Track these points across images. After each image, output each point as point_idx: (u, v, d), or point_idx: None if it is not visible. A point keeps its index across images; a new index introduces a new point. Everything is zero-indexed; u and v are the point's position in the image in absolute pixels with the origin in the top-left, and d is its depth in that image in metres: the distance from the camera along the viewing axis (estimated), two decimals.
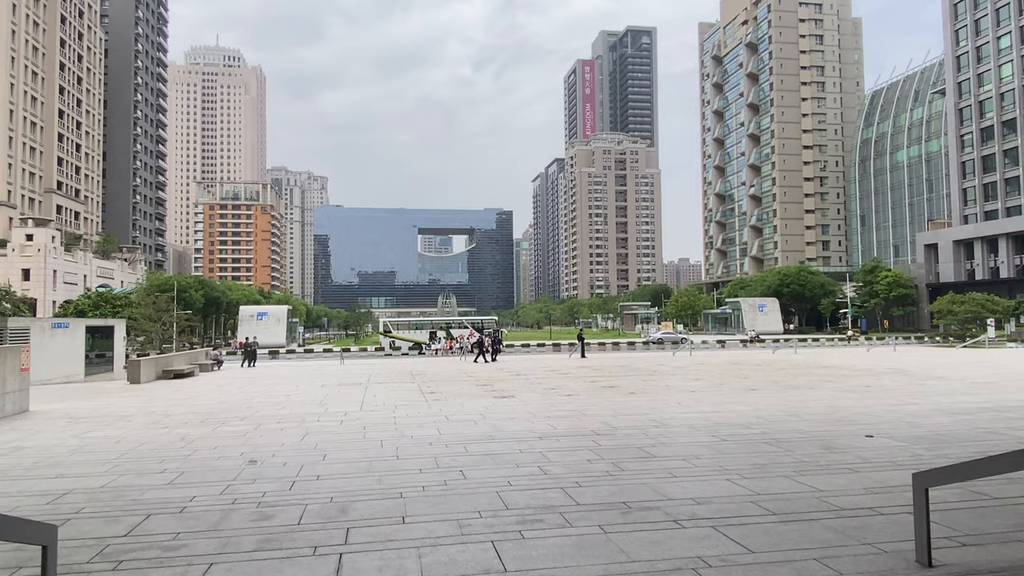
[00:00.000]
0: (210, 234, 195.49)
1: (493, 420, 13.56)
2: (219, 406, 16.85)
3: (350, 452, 10.42)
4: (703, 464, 9.15)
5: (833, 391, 18.30)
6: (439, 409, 15.50)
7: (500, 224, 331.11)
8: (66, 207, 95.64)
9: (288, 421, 13.97)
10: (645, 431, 11.88)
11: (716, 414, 13.95)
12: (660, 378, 23.12)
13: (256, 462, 9.81)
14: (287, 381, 24.66)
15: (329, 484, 8.35)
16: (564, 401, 16.64)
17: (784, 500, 7.33)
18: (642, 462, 9.31)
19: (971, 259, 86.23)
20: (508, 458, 9.71)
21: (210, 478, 8.82)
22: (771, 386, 19.86)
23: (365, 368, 32.19)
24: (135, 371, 24.35)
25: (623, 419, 13.38)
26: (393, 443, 11.10)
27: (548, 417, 13.81)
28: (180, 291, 68.09)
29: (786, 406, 15.11)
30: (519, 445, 10.70)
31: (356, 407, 16.16)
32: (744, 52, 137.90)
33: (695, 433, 11.65)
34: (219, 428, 13.14)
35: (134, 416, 15.21)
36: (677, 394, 18.08)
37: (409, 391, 19.99)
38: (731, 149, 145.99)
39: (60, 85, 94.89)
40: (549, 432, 11.92)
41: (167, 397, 19.42)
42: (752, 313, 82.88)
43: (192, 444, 11.40)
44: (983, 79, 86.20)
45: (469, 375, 25.84)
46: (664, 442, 10.79)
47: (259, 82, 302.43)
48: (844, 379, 21.76)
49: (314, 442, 11.35)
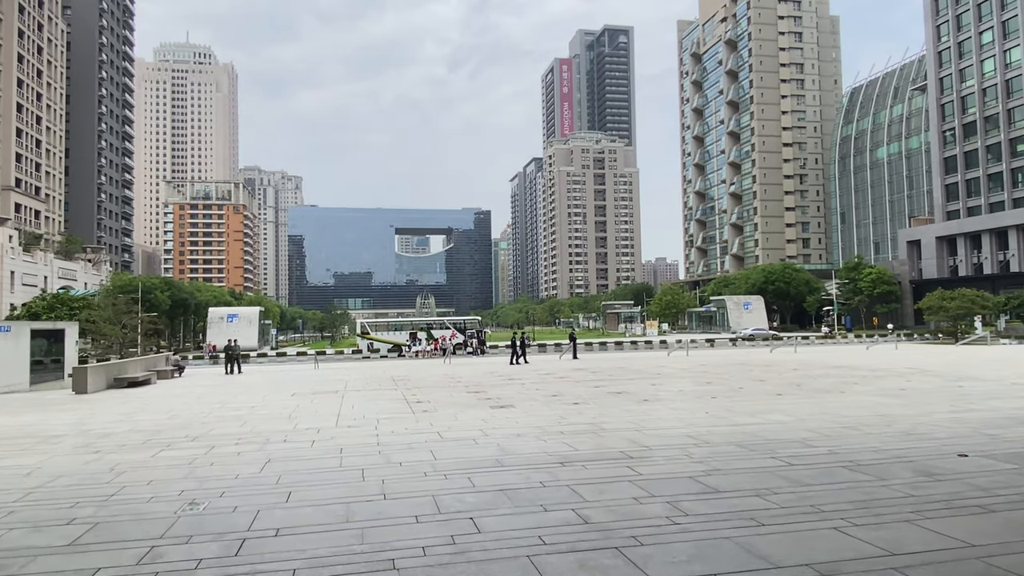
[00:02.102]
0: (180, 235, 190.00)
1: (496, 438, 11.32)
2: (169, 422, 14.38)
3: (322, 489, 8.11)
4: (787, 502, 7.01)
5: (868, 395, 16.34)
6: (429, 423, 13.21)
7: (478, 224, 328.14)
8: (25, 205, 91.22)
9: (248, 442, 11.58)
10: (687, 451, 9.73)
11: (757, 427, 11.86)
12: (668, 381, 21.04)
13: (198, 505, 7.47)
14: (253, 389, 22.15)
15: (292, 543, 6.07)
16: (573, 412, 14.45)
17: (937, 566, 5.21)
18: (705, 500, 7.15)
19: (954, 255, 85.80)
20: (529, 496, 7.48)
21: (130, 534, 6.48)
22: (796, 390, 17.87)
23: (342, 373, 29.70)
24: (81, 380, 21.66)
25: (651, 435, 11.22)
26: (377, 474, 8.81)
27: (561, 433, 11.60)
28: (145, 292, 64.73)
29: (831, 415, 13.08)
30: (538, 475, 8.47)
31: (331, 422, 13.80)
32: (723, 49, 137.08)
33: (749, 455, 9.52)
34: (161, 453, 10.72)
35: (63, 437, 12.70)
36: (697, 401, 15.99)
37: (392, 400, 17.65)
38: (711, 147, 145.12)
39: (18, 78, 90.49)
40: (570, 455, 9.71)
41: (112, 411, 16.85)
42: (737, 311, 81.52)
43: (121, 478, 9.00)
44: (965, 74, 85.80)
45: (457, 380, 23.53)
46: (718, 467, 8.65)
47: (231, 80, 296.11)
48: (871, 381, 19.86)
49: (277, 473, 9.01)
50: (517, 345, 33.57)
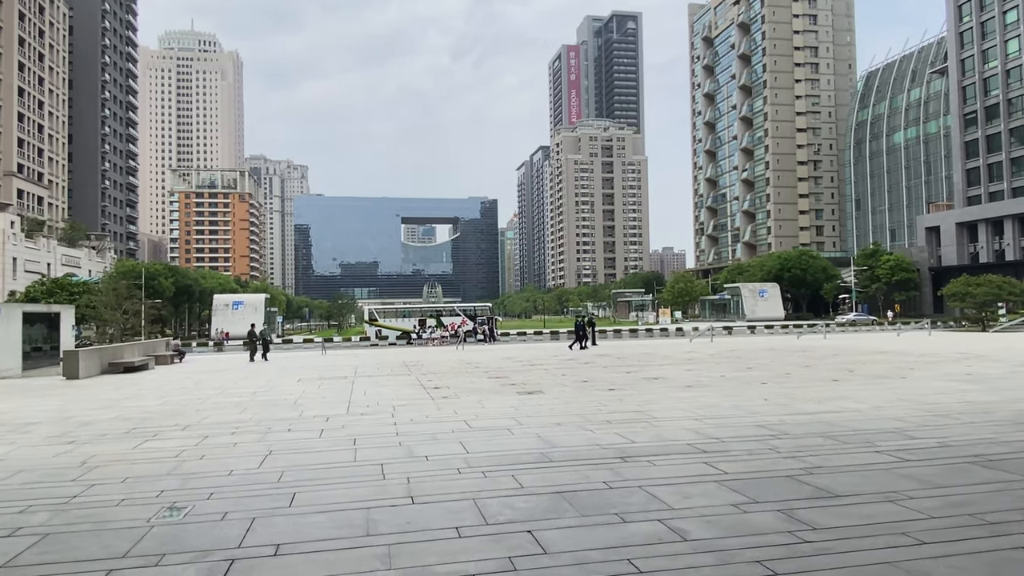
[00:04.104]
0: (186, 223, 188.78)
1: (533, 427, 9.75)
2: (160, 409, 12.87)
3: (334, 489, 6.56)
4: (932, 510, 5.41)
5: (936, 381, 14.70)
6: (452, 411, 11.66)
7: (484, 213, 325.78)
8: (28, 191, 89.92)
9: (247, 431, 10.06)
10: (767, 444, 8.14)
11: (833, 415, 10.26)
12: (704, 367, 19.43)
13: (179, 511, 5.94)
14: (256, 375, 20.66)
15: (296, 568, 4.52)
16: (612, 399, 12.87)
17: None
18: (825, 508, 5.57)
19: (975, 242, 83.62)
20: (595, 501, 5.91)
21: (84, 551, 4.95)
22: (849, 375, 16.25)
23: (351, 359, 28.21)
24: (72, 364, 20.21)
25: (714, 425, 9.64)
26: (400, 470, 7.26)
27: (608, 422, 10.03)
28: (149, 278, 63.32)
29: (911, 402, 11.46)
30: (597, 473, 6.91)
31: (342, 409, 12.26)
32: (736, 33, 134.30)
33: (844, 447, 7.92)
34: (145, 444, 9.20)
35: (38, 425, 11.20)
36: (746, 387, 14.37)
37: (407, 386, 16.11)
38: (722, 133, 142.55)
39: (20, 61, 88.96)
40: (628, 448, 8.13)
41: (100, 397, 15.37)
42: (752, 299, 79.64)
43: (92, 474, 7.49)
44: (988, 55, 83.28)
45: (475, 365, 21.98)
46: (817, 464, 7.06)
47: (236, 68, 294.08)
48: (927, 366, 18.20)
49: (279, 469, 7.48)
50: (584, 329, 30.54)
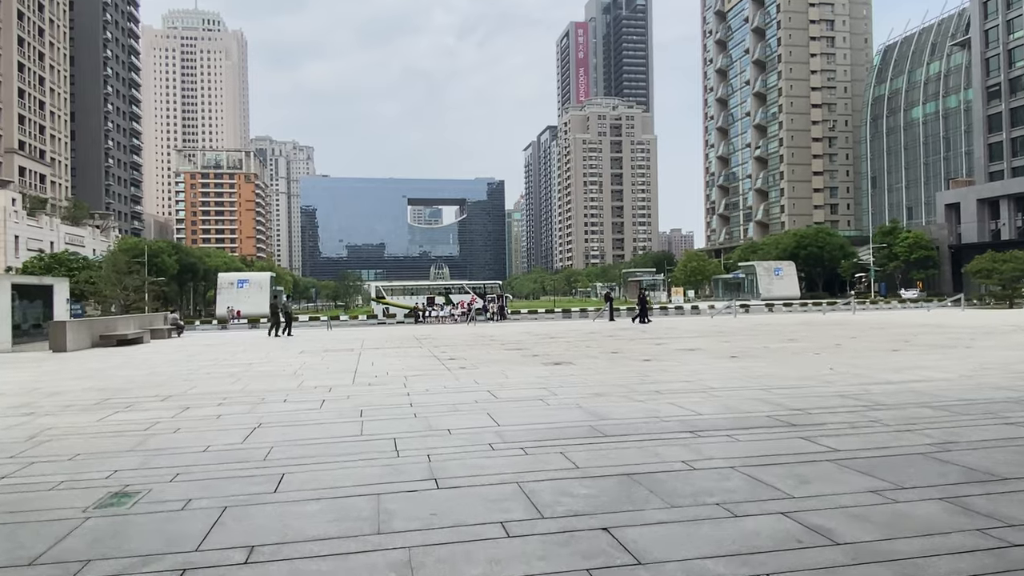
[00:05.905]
0: (192, 204, 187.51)
1: (572, 398, 8.27)
2: (143, 379, 11.46)
3: (334, 470, 5.09)
4: None
5: (1006, 350, 13.14)
6: (473, 381, 10.20)
7: (491, 194, 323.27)
8: (30, 169, 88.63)
9: (235, 403, 8.62)
10: (864, 416, 6.63)
11: (923, 384, 8.73)
12: (741, 339, 17.90)
13: (128, 498, 4.49)
14: (256, 348, 19.27)
15: None
16: (651, 368, 11.38)
17: None
18: (1002, 497, 4.08)
19: (996, 218, 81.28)
20: (681, 487, 4.42)
21: None
22: (906, 346, 14.70)
23: (357, 334, 26.83)
24: (59, 336, 18.88)
25: (785, 395, 8.13)
26: (417, 446, 5.79)
27: (657, 392, 8.54)
28: (152, 255, 62.11)
29: (999, 370, 9.92)
30: (670, 450, 5.42)
31: (346, 379, 10.82)
32: (750, 6, 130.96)
33: (964, 419, 6.41)
34: (113, 416, 7.78)
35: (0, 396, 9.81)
36: (800, 357, 12.84)
37: (420, 357, 14.66)
38: (735, 109, 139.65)
39: (19, 36, 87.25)
40: (696, 421, 6.64)
41: (82, 367, 13.98)
42: (767, 277, 77.75)
43: (38, 450, 6.05)
44: (1013, 25, 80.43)
45: (490, 338, 20.53)
46: (945, 440, 5.55)
47: (240, 47, 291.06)
48: (983, 337, 16.64)
49: (267, 445, 6.02)
50: (644, 303, 30.13)
